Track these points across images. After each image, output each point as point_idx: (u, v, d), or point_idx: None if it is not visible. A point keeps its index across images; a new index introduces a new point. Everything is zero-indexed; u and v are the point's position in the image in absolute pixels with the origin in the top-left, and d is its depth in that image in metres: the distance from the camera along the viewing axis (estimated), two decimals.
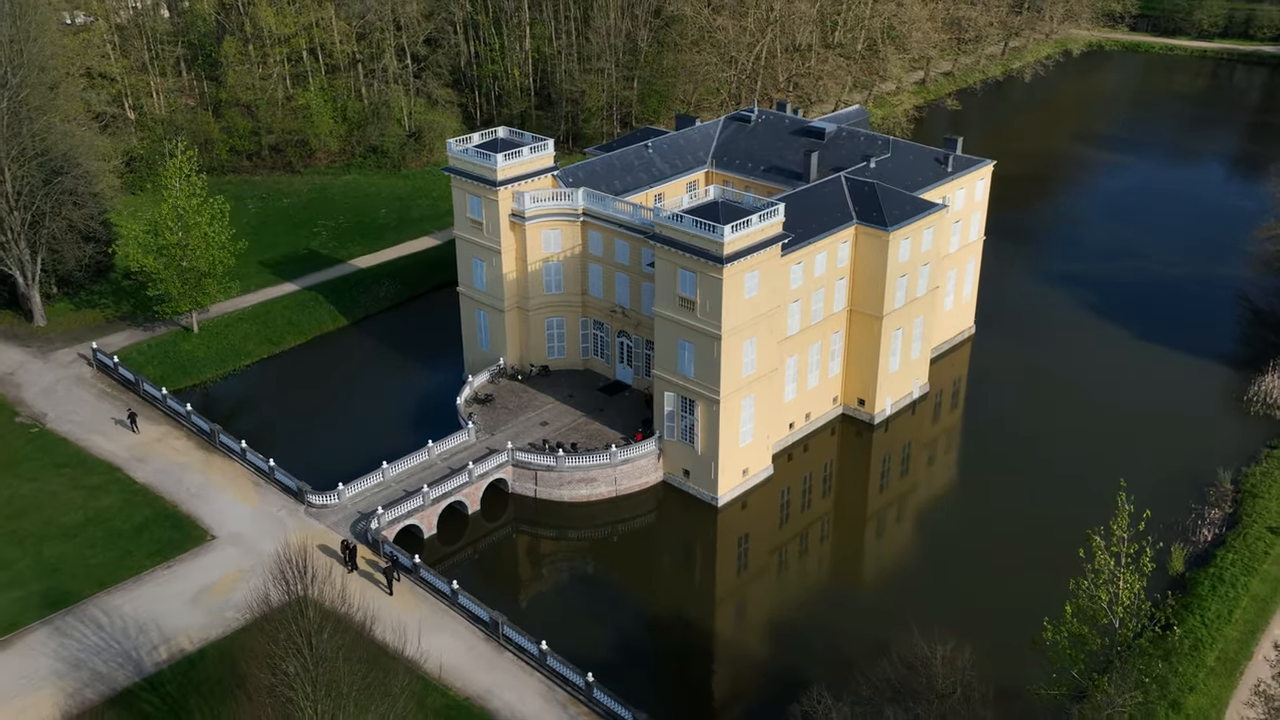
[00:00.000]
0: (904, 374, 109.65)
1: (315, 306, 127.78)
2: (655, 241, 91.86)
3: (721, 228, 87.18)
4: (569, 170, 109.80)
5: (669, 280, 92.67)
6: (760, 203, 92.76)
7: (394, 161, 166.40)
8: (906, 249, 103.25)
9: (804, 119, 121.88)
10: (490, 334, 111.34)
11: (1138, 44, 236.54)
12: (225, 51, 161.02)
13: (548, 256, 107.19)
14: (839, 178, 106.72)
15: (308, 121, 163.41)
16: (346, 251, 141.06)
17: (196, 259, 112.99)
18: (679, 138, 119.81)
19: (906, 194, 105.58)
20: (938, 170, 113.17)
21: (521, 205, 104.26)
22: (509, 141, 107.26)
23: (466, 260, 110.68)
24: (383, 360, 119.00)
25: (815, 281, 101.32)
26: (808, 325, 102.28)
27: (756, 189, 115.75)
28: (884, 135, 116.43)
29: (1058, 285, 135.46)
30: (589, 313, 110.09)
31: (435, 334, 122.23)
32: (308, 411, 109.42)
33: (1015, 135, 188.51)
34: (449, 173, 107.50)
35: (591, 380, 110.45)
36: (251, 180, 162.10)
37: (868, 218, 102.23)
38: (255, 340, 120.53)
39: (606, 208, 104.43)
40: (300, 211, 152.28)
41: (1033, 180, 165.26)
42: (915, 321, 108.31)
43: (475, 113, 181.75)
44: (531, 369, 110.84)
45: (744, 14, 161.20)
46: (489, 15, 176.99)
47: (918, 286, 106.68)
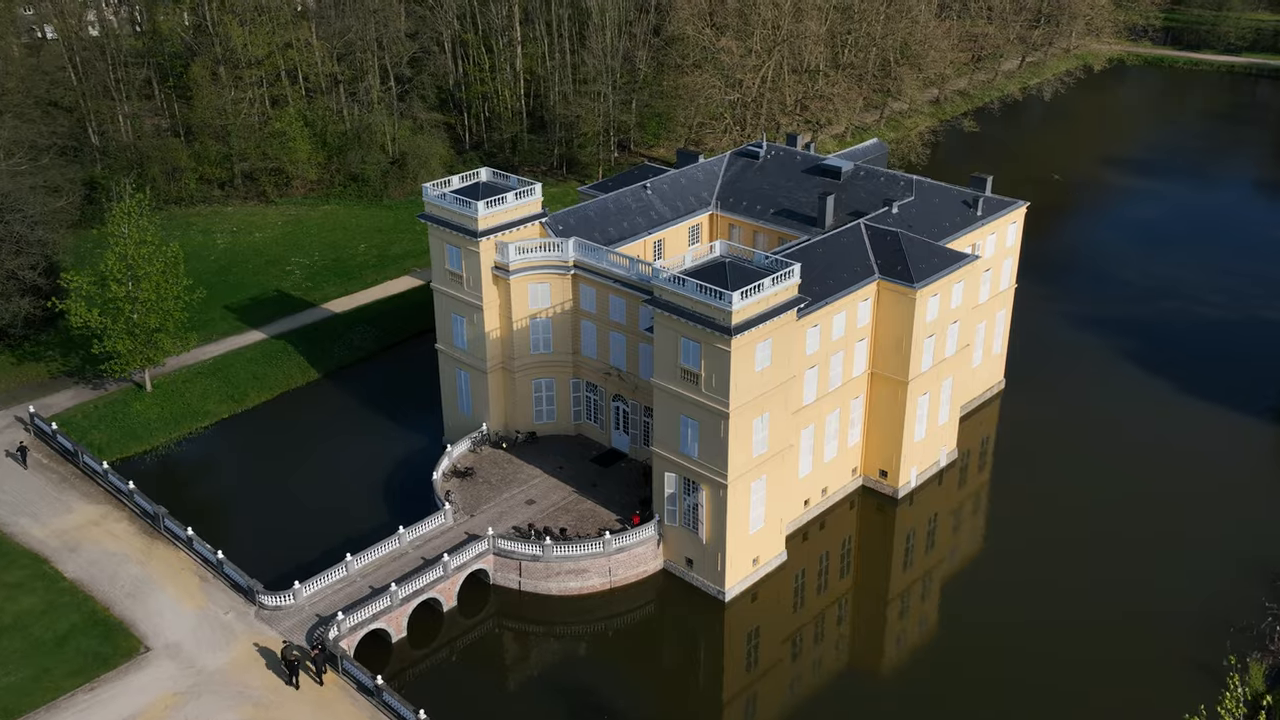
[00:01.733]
0: (930, 442, 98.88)
1: (283, 358, 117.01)
2: (654, 306, 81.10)
3: (729, 294, 76.45)
4: (559, 216, 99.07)
5: (669, 349, 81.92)
6: (772, 261, 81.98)
7: (375, 190, 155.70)
8: (935, 306, 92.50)
9: (817, 155, 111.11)
10: (472, 396, 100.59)
11: (1160, 58, 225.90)
12: (194, 74, 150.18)
13: (535, 313, 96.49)
14: (858, 225, 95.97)
15: (284, 148, 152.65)
16: (320, 293, 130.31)
17: (147, 313, 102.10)
18: (680, 176, 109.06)
19: (934, 244, 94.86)
20: (966, 214, 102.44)
21: (505, 257, 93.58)
22: (492, 186, 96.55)
23: (445, 316, 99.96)
24: (354, 421, 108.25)
25: (834, 345, 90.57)
26: (825, 393, 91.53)
27: (766, 234, 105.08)
28: (905, 175, 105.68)
29: (1091, 330, 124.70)
30: (581, 374, 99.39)
31: (413, 389, 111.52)
32: (268, 484, 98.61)
33: (1037, 159, 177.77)
34: (425, 220, 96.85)
35: (584, 448, 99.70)
36: (222, 211, 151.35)
37: (891, 272, 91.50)
38: (215, 398, 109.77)
39: (600, 260, 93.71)
40: (273, 246, 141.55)
41: (1058, 210, 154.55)
42: (943, 384, 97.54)
43: (464, 135, 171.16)
44: (517, 436, 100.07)
45: (749, 33, 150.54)
46: (478, 33, 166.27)
47: (946, 346, 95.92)
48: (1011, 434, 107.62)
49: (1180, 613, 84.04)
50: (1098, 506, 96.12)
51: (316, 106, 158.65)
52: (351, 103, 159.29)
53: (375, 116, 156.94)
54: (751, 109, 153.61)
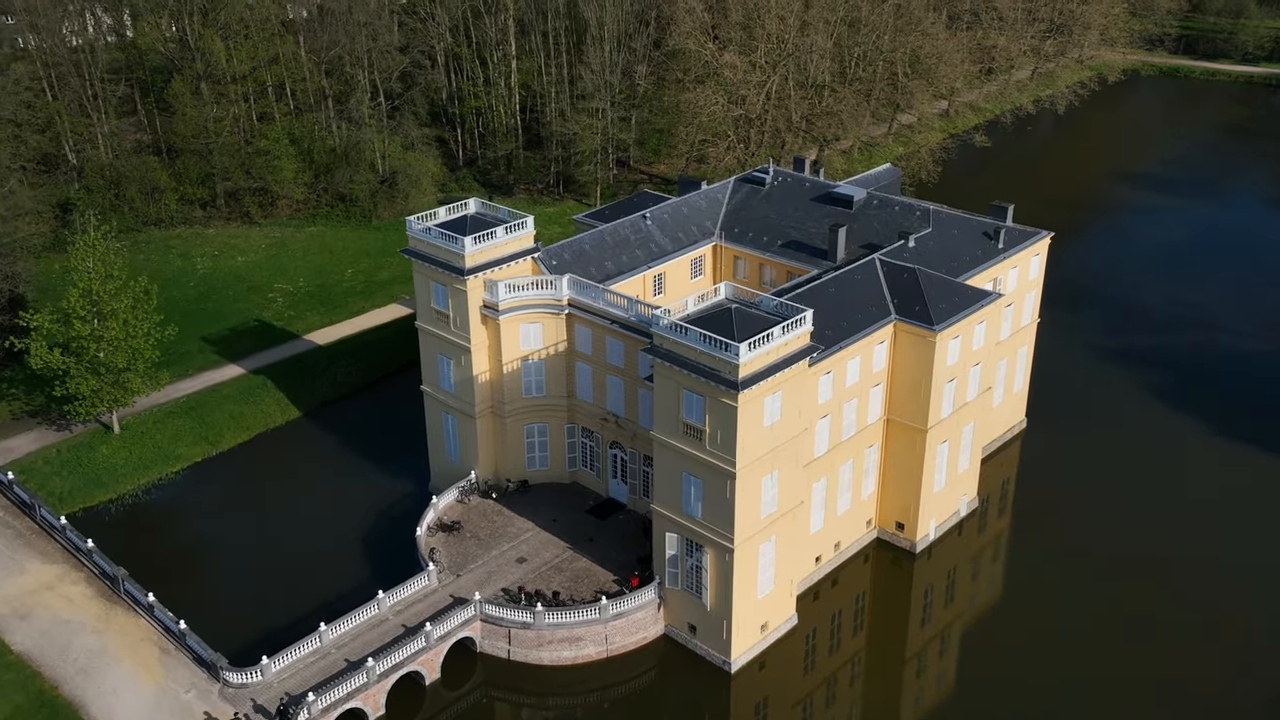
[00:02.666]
0: (950, 491, 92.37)
1: (262, 395, 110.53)
2: (654, 356, 74.61)
3: (736, 345, 69.95)
4: (552, 250, 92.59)
5: (671, 402, 75.42)
6: (781, 305, 75.46)
7: (364, 211, 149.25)
8: (956, 349, 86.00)
9: (827, 182, 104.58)
10: (460, 442, 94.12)
11: (1176, 68, 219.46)
12: (174, 90, 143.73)
13: (527, 354, 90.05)
14: (873, 261, 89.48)
15: (269, 167, 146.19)
16: (303, 323, 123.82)
17: (114, 352, 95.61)
18: (681, 205, 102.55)
19: (953, 281, 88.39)
20: (987, 247, 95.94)
21: (495, 296, 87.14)
22: (480, 219, 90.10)
23: (431, 356, 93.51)
24: (335, 465, 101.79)
25: (847, 392, 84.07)
26: (838, 442, 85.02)
27: (773, 268, 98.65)
28: (921, 203, 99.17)
29: (1114, 362, 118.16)
30: (576, 419, 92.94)
31: (398, 428, 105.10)
32: (240, 537, 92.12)
33: (1051, 177, 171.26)
34: (409, 256, 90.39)
35: (579, 498, 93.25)
36: (204, 233, 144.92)
37: (909, 312, 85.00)
38: (188, 439, 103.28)
39: (596, 300, 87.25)
40: (256, 271, 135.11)
41: (1076, 232, 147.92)
42: (964, 430, 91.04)
43: (458, 151, 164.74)
44: (508, 485, 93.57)
45: (753, 48, 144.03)
46: (471, 46, 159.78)
47: (967, 390, 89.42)
48: (1034, 477, 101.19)
49: (1213, 678, 78.08)
50: (1126, 556, 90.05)
51: (303, 123, 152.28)
52: (340, 119, 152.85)
53: (364, 133, 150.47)
54: (755, 126, 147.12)
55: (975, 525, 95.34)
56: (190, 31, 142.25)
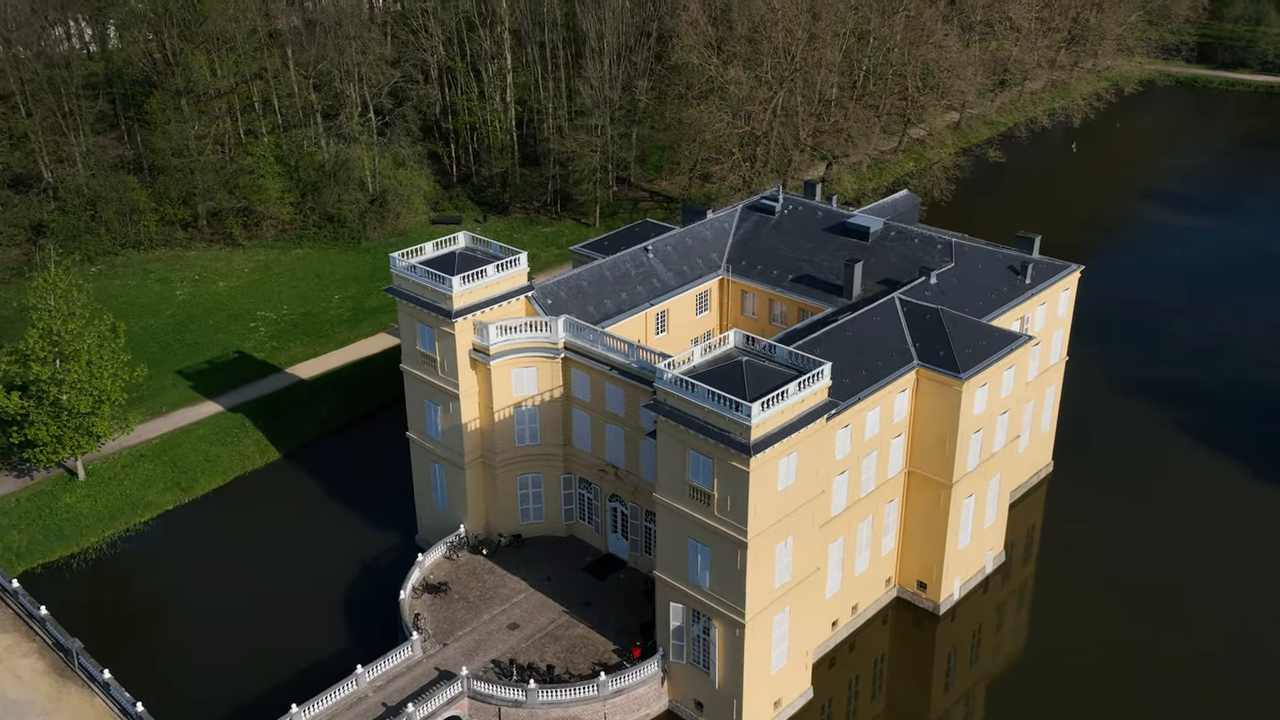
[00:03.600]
0: (976, 547, 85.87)
1: (240, 434, 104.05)
2: (657, 413, 68.13)
3: (748, 405, 63.47)
4: (547, 288, 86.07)
5: (676, 463, 68.94)
6: (796, 358, 68.99)
7: (353, 232, 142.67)
8: (983, 398, 79.50)
9: (840, 211, 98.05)
10: (448, 493, 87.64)
11: (1194, 78, 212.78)
12: (152, 107, 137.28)
13: (520, 400, 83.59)
14: (892, 300, 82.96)
15: (253, 186, 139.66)
16: (286, 354, 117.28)
17: (77, 396, 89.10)
18: (686, 236, 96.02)
19: (979, 323, 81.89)
20: (1013, 283, 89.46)
21: (485, 339, 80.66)
22: (470, 256, 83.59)
23: (418, 402, 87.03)
24: (315, 514, 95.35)
25: (866, 445, 77.56)
26: (856, 499, 78.54)
27: (783, 304, 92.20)
28: (942, 235, 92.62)
29: (1143, 398, 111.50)
30: (573, 468, 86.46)
31: (385, 471, 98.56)
32: (211, 598, 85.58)
33: (1070, 195, 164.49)
34: (393, 295, 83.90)
35: (576, 553, 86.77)
36: (184, 256, 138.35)
37: (933, 358, 78.49)
38: (159, 485, 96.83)
39: (594, 343, 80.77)
40: (238, 298, 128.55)
41: (1096, 253, 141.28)
42: (990, 482, 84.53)
43: (451, 168, 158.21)
44: (500, 540, 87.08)
45: (759, 62, 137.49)
46: (466, 59, 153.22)
47: (994, 440, 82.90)
48: (1062, 525, 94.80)
49: None
50: (1160, 612, 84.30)
51: (289, 140, 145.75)
52: (328, 135, 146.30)
53: (354, 150, 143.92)
54: (762, 143, 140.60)
55: (1001, 581, 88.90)
56: (170, 45, 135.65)
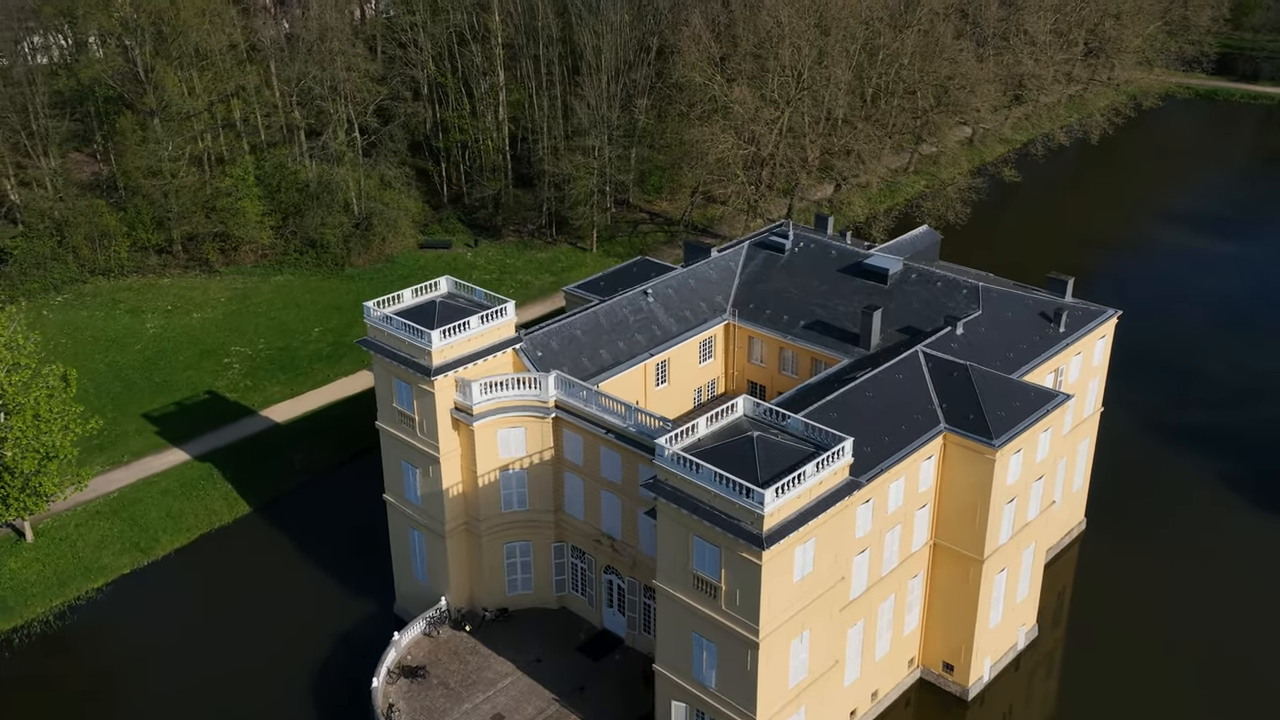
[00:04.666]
0: (1007, 624, 78.31)
1: (207, 486, 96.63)
2: (657, 494, 60.63)
3: (760, 491, 55.96)
4: (538, 339, 78.47)
5: (678, 549, 61.47)
6: (814, 431, 61.48)
7: (336, 258, 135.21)
8: (1017, 465, 71.95)
9: (855, 250, 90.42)
10: (428, 562, 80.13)
11: (1214, 90, 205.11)
12: (122, 127, 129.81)
13: (507, 463, 76.10)
14: (916, 355, 75.41)
15: (231, 209, 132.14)
16: (261, 394, 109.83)
17: (21, 455, 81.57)
18: (688, 277, 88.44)
19: (1012, 381, 74.33)
20: (1046, 332, 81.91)
21: (468, 398, 73.16)
22: (451, 305, 76.10)
23: (395, 463, 79.55)
24: (285, 578, 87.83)
25: (889, 519, 70.03)
26: (878, 579, 70.98)
27: (795, 353, 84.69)
28: (968, 278, 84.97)
29: (1180, 446, 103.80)
30: (565, 536, 78.97)
31: (362, 528, 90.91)
32: (166, 679, 78.01)
33: (1088, 216, 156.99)
34: (367, 348, 76.41)
35: (568, 629, 79.27)
36: (158, 284, 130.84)
37: (962, 422, 70.93)
38: (116, 546, 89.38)
39: (588, 404, 73.24)
40: (212, 331, 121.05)
41: (1121, 281, 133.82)
42: (1024, 554, 76.98)
43: (441, 188, 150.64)
44: (485, 615, 79.54)
45: (765, 80, 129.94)
46: (457, 75, 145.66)
47: (1028, 509, 75.34)
48: (1097, 589, 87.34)
49: None
50: (1203, 684, 76.83)
51: (270, 161, 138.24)
52: (311, 156, 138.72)
53: (338, 171, 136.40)
54: (768, 165, 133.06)
55: (1034, 658, 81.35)
56: (143, 62, 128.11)
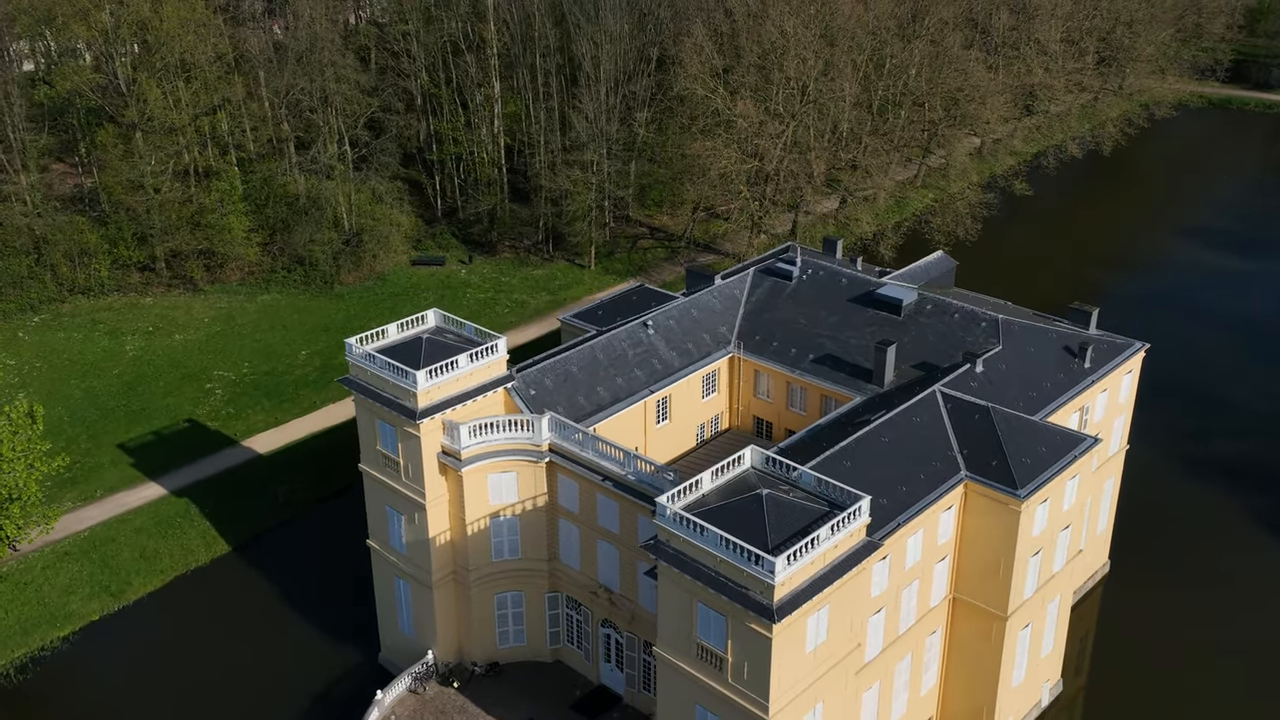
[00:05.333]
0: (1031, 681, 73.56)
1: (184, 524, 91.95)
2: (656, 555, 55.93)
3: (771, 560, 51.23)
4: (531, 377, 73.70)
5: (680, 615, 56.75)
6: (826, 487, 56.75)
7: (325, 276, 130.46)
8: (1043, 516, 67.22)
9: (866, 278, 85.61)
10: (414, 613, 75.39)
11: (1228, 99, 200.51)
12: (102, 141, 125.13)
13: (498, 510, 71.40)
14: (934, 395, 70.65)
15: (216, 225, 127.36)
16: (244, 423, 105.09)
17: None
18: (690, 308, 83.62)
19: (1037, 424, 69.59)
20: (1070, 368, 77.17)
21: (456, 441, 68.43)
22: (439, 343, 71.34)
23: (379, 508, 74.87)
24: (266, 623, 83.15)
25: (907, 575, 65.28)
26: (894, 639, 66.22)
27: (804, 389, 79.94)
28: (986, 310, 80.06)
29: (1207, 479, 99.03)
30: (560, 586, 74.25)
31: (346, 569, 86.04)
32: None
33: (1103, 232, 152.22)
34: (349, 387, 71.72)
35: (563, 684, 74.55)
36: (140, 304, 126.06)
37: (984, 470, 66.20)
38: (84, 591, 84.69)
39: (585, 448, 68.50)
40: (195, 353, 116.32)
41: (1139, 302, 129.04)
42: (1049, 607, 72.25)
43: (435, 201, 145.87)
44: (474, 669, 74.80)
45: (769, 93, 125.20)
46: (451, 86, 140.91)
47: (1054, 560, 70.60)
48: (1122, 634, 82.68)
49: None
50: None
51: (257, 175, 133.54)
52: (298, 171, 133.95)
53: (327, 186, 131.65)
54: (772, 181, 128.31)
55: (1059, 714, 76.62)
56: (123, 74, 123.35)
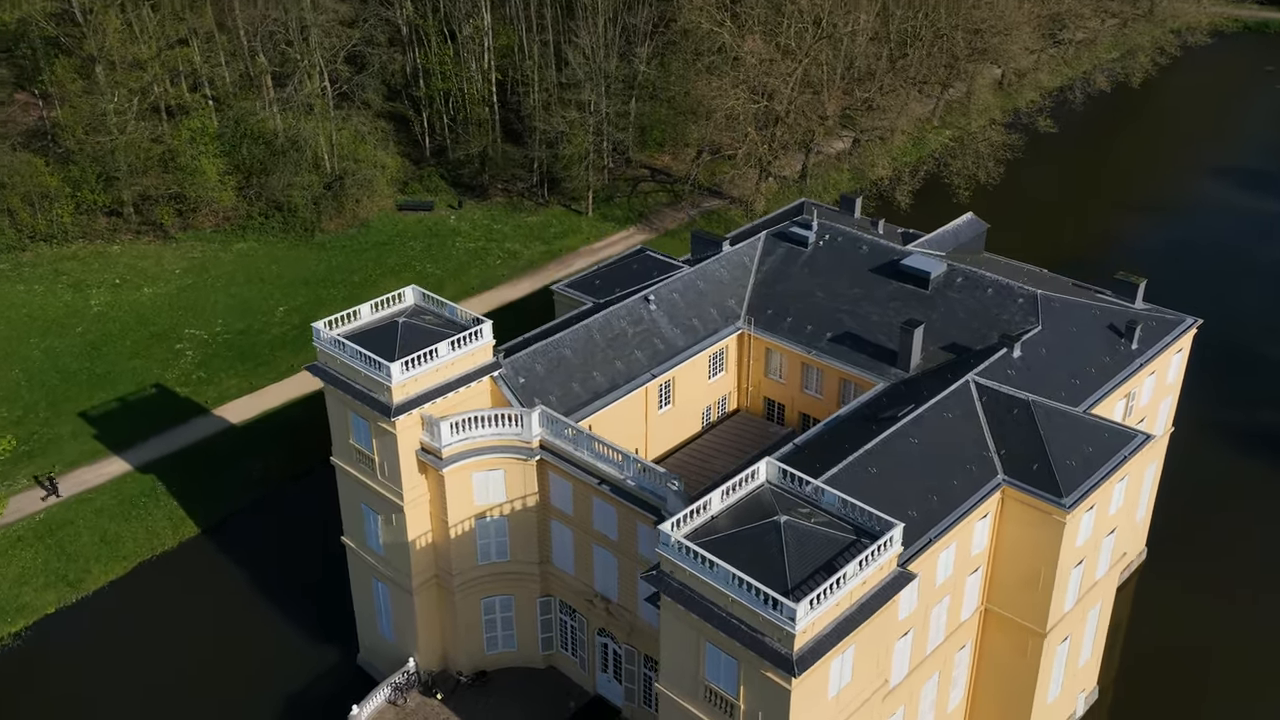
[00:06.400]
0: (1067, 693, 67.56)
1: (149, 504, 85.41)
2: (658, 587, 49.28)
3: (791, 606, 44.56)
4: (520, 363, 66.43)
5: (686, 653, 50.33)
6: (853, 511, 49.94)
7: (305, 222, 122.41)
8: (1089, 524, 60.54)
9: (890, 245, 77.75)
10: (394, 618, 69.10)
11: (1265, 22, 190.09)
12: (59, 77, 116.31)
13: (484, 510, 64.73)
14: (967, 386, 63.54)
15: (187, 168, 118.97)
16: (216, 388, 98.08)
17: None
18: (695, 278, 75.96)
19: (1083, 419, 62.53)
20: (1117, 351, 69.91)
21: (437, 439, 61.47)
22: (417, 328, 63.95)
23: (353, 505, 68.21)
24: (236, 616, 76.91)
25: (936, 593, 58.79)
26: (921, 661, 59.95)
27: (820, 371, 72.70)
28: (1023, 284, 72.05)
29: (1253, 456, 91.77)
30: (553, 590, 67.91)
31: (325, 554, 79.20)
32: None
33: (1133, 173, 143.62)
34: (317, 375, 64.53)
35: (556, 695, 68.62)
36: (107, 252, 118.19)
37: (1025, 474, 59.35)
38: (39, 580, 78.36)
39: (580, 447, 61.56)
40: (164, 310, 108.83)
41: (1175, 252, 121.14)
42: (1089, 615, 65.96)
43: (423, 139, 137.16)
44: (460, 678, 68.73)
45: (779, 28, 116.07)
46: (438, 16, 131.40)
47: (1098, 567, 64.13)
48: (1159, 628, 76.55)
49: None
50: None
51: (230, 113, 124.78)
52: (275, 108, 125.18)
53: (306, 126, 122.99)
54: (782, 122, 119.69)
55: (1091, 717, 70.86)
56: (77, 1, 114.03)
